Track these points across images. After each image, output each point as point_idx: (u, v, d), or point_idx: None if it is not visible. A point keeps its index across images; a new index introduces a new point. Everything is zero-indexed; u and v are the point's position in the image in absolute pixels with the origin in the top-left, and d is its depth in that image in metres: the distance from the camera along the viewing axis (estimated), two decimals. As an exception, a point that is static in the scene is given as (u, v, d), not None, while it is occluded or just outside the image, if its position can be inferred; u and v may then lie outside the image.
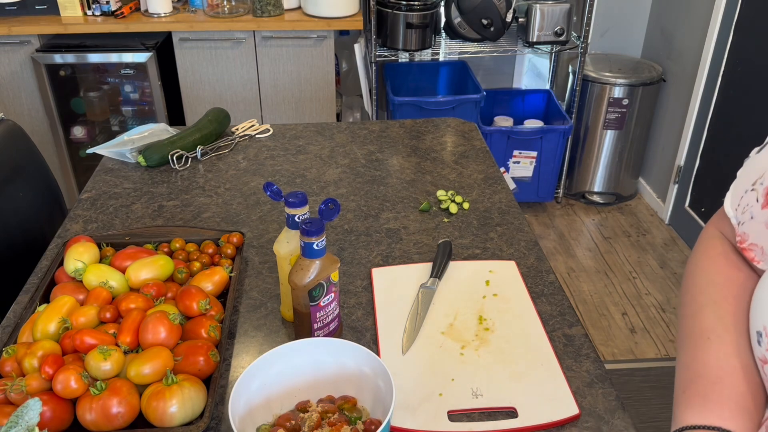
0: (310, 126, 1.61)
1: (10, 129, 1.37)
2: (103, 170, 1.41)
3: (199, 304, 0.90)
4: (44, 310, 0.90)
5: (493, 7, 2.49)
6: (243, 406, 0.74)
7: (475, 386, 0.84)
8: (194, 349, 0.83)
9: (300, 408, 0.78)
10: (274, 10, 2.66)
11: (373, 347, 0.92)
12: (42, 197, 1.41)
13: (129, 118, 2.94)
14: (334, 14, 2.64)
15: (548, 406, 0.81)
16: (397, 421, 0.79)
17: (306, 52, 2.72)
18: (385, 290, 1.03)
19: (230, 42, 2.67)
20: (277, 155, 1.47)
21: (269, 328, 0.96)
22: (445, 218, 1.23)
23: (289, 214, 0.88)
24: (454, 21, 2.59)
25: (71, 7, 2.62)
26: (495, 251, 1.13)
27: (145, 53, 2.62)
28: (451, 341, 0.92)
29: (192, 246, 1.08)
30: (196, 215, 1.24)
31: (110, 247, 1.06)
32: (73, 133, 2.85)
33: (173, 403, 0.76)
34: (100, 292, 0.94)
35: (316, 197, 1.29)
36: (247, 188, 1.33)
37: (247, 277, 1.07)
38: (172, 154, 1.40)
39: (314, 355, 0.80)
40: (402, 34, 2.60)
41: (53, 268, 1.03)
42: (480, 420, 0.80)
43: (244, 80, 2.77)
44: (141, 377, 0.79)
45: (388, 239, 1.16)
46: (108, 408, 0.75)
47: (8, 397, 0.78)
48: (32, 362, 0.80)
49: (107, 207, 1.27)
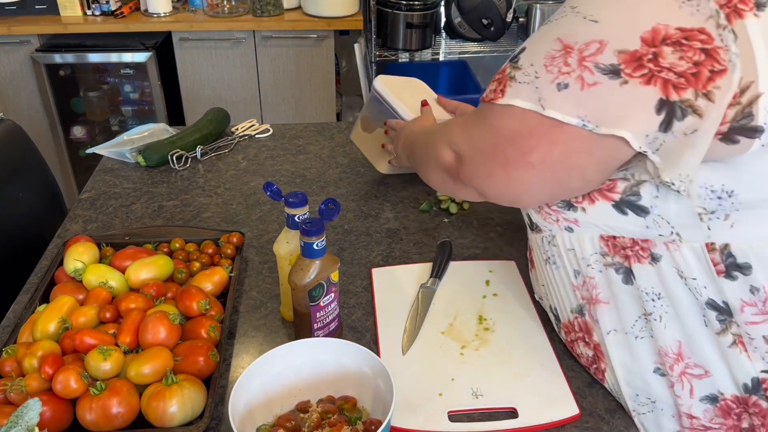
0: (310, 126, 1.61)
1: (9, 129, 1.37)
2: (103, 170, 1.41)
3: (198, 304, 0.90)
4: (44, 310, 0.90)
5: (494, 6, 2.49)
6: (243, 406, 0.74)
7: (475, 386, 0.84)
8: (194, 349, 0.83)
9: (300, 408, 0.78)
10: (274, 9, 2.66)
11: (373, 347, 0.92)
12: (42, 197, 1.41)
13: (129, 118, 2.94)
14: (334, 14, 2.64)
15: (549, 407, 0.81)
16: (397, 421, 0.79)
17: (306, 52, 2.72)
18: (385, 290, 1.02)
19: (230, 42, 2.67)
20: (277, 155, 1.47)
21: (269, 328, 0.96)
22: (445, 218, 1.23)
23: (289, 214, 0.88)
24: (454, 21, 2.59)
25: (71, 6, 2.62)
26: (495, 251, 1.13)
27: (144, 53, 2.62)
28: (451, 341, 0.92)
29: (192, 246, 1.08)
30: (195, 215, 1.24)
31: (110, 247, 1.06)
32: (73, 133, 2.85)
33: (173, 403, 0.76)
34: (100, 292, 0.93)
35: (316, 197, 1.29)
36: (247, 188, 1.33)
37: (247, 277, 1.07)
38: (171, 154, 1.40)
39: (314, 355, 0.80)
40: (402, 34, 2.60)
41: (53, 268, 1.03)
42: (480, 420, 0.80)
43: (244, 80, 2.77)
44: (141, 377, 0.79)
45: (388, 239, 1.16)
46: (108, 408, 0.75)
47: (8, 397, 0.78)
48: (32, 362, 0.80)
49: (107, 207, 1.27)
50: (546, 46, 0.64)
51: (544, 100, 0.63)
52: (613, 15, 0.60)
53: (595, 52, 0.60)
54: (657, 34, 0.58)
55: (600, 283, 0.76)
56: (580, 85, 0.61)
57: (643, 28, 0.58)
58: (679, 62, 0.57)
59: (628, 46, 0.59)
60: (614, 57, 0.59)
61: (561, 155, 0.66)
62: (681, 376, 0.73)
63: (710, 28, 0.56)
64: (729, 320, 0.68)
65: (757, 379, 0.69)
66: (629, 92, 0.59)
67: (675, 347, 0.72)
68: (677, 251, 0.68)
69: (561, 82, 0.62)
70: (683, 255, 0.68)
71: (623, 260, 0.73)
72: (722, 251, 0.65)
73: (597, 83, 0.60)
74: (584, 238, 0.75)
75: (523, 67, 0.65)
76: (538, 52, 0.64)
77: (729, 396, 0.71)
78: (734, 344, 0.69)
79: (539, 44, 0.65)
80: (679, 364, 0.73)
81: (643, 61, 0.58)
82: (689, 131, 0.59)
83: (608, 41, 0.59)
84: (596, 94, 0.60)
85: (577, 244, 0.76)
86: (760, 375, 0.69)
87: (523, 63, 0.65)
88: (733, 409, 0.72)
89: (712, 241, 0.66)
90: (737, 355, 0.69)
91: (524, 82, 0.65)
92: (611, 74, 0.59)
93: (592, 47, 0.60)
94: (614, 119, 0.61)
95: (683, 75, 0.57)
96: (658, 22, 0.57)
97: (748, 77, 0.56)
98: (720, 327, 0.69)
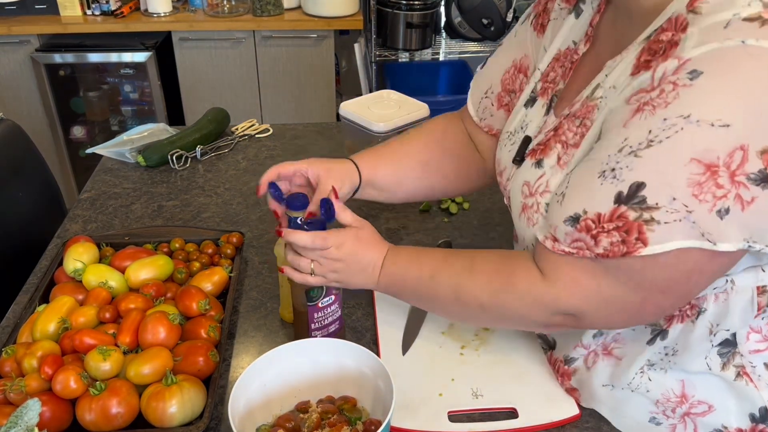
0: (310, 126, 1.61)
1: (9, 129, 1.37)
2: (103, 170, 1.41)
3: (198, 305, 0.90)
4: (44, 310, 0.90)
5: (494, 6, 2.49)
6: (243, 406, 0.74)
7: (475, 386, 0.84)
8: (194, 350, 0.83)
9: (300, 408, 0.78)
10: (274, 9, 2.66)
11: (373, 347, 0.92)
12: (41, 197, 1.41)
13: (128, 118, 2.94)
14: (334, 14, 2.64)
15: (548, 407, 0.81)
16: (397, 422, 0.79)
17: (306, 51, 2.72)
18: (385, 290, 1.02)
19: (230, 42, 2.67)
20: (277, 155, 1.46)
21: (269, 329, 0.96)
22: (445, 218, 1.23)
23: (290, 217, 0.86)
24: (454, 20, 2.59)
25: (71, 6, 2.62)
26: (495, 251, 1.12)
27: (144, 53, 2.61)
28: (451, 341, 0.92)
29: (191, 246, 1.08)
30: (195, 215, 1.24)
31: (110, 247, 1.06)
32: (73, 133, 2.85)
33: (173, 404, 0.75)
34: (100, 292, 0.93)
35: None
36: (247, 188, 1.33)
37: (247, 277, 1.06)
38: (171, 154, 1.40)
39: (314, 355, 0.80)
40: (402, 34, 2.60)
41: (53, 268, 1.02)
42: (480, 420, 0.80)
43: (244, 80, 2.77)
44: (140, 377, 0.79)
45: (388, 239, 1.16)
46: (107, 408, 0.75)
47: (8, 398, 0.78)
48: (32, 362, 0.79)
49: (107, 207, 1.27)
50: (682, 173, 0.54)
51: (710, 234, 0.55)
52: (738, 109, 0.52)
53: (741, 162, 0.52)
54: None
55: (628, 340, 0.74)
56: (741, 206, 0.54)
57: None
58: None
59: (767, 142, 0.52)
60: (759, 161, 0.52)
61: (706, 281, 0.61)
62: (684, 416, 0.71)
63: None
64: (732, 352, 0.68)
65: (765, 408, 0.68)
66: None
67: (678, 389, 0.71)
68: (725, 302, 0.65)
69: (721, 208, 0.54)
70: (729, 304, 0.65)
71: (665, 322, 0.70)
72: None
73: (755, 198, 0.53)
74: None
75: (660, 205, 0.56)
76: (674, 182, 0.55)
77: (734, 429, 0.70)
78: (739, 376, 0.68)
79: (669, 173, 0.55)
80: (682, 406, 0.71)
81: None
82: None
83: (748, 144, 0.52)
84: (758, 211, 0.54)
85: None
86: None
87: (659, 200, 0.56)
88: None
89: (765, 283, 0.64)
90: (743, 387, 0.68)
91: (674, 220, 0.56)
92: (764, 183, 0.53)
93: (736, 157, 0.52)
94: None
95: None
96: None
97: None
98: (722, 361, 0.68)
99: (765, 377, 0.68)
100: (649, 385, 0.72)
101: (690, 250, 0.56)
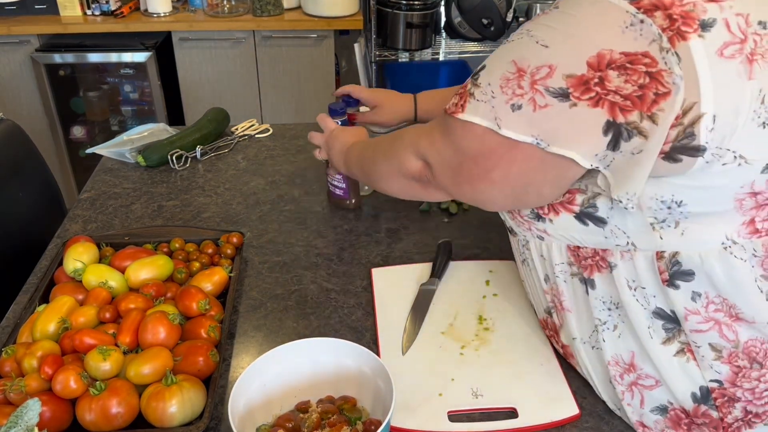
0: (310, 126, 1.61)
1: (9, 129, 1.37)
2: (103, 170, 1.41)
3: (198, 305, 0.90)
4: (43, 310, 0.90)
5: (494, 6, 2.49)
6: (243, 406, 0.74)
7: (475, 386, 0.84)
8: (194, 350, 0.83)
9: (300, 408, 0.78)
10: (274, 9, 2.66)
11: (373, 347, 0.92)
12: (41, 197, 1.41)
13: (128, 118, 2.94)
14: (334, 14, 2.64)
15: (548, 406, 0.81)
16: (397, 421, 0.79)
17: (306, 51, 2.72)
18: (385, 290, 1.02)
19: (230, 42, 2.67)
20: (277, 155, 1.46)
21: (269, 328, 0.96)
22: (445, 218, 1.23)
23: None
24: (454, 20, 2.59)
25: (71, 6, 2.62)
26: (495, 251, 1.13)
27: (144, 53, 2.62)
28: (451, 341, 0.92)
29: (191, 246, 1.08)
30: (195, 215, 1.24)
31: (110, 247, 1.06)
32: (73, 133, 2.85)
33: (173, 404, 0.76)
34: (100, 292, 0.93)
35: (316, 197, 1.29)
36: (247, 188, 1.33)
37: (247, 277, 1.06)
38: (171, 154, 1.40)
39: (314, 355, 0.80)
40: (402, 34, 2.60)
41: (53, 268, 1.02)
42: (480, 420, 0.80)
43: (244, 80, 2.77)
44: (140, 377, 0.79)
45: (388, 239, 1.16)
46: (107, 408, 0.75)
47: (7, 398, 0.78)
48: (31, 362, 0.79)
49: (107, 207, 1.27)
50: (502, 67, 0.66)
51: (499, 120, 0.66)
52: (561, 40, 0.62)
53: (545, 76, 0.62)
54: (602, 59, 0.59)
55: (565, 292, 0.79)
56: (533, 107, 0.63)
57: (589, 53, 0.60)
58: (625, 85, 0.59)
59: (575, 71, 0.61)
60: (563, 81, 0.61)
61: (519, 173, 0.69)
62: (631, 386, 0.75)
63: (654, 52, 0.58)
64: (677, 329, 0.70)
65: (706, 388, 0.70)
66: (578, 114, 0.61)
67: (627, 357, 0.75)
68: (630, 260, 0.70)
69: (515, 103, 0.64)
70: (635, 264, 0.70)
71: (584, 270, 0.75)
72: (670, 259, 0.67)
73: (548, 105, 0.62)
74: (553, 247, 0.78)
75: (481, 85, 0.68)
76: (495, 72, 0.66)
77: (678, 406, 0.73)
78: (681, 352, 0.70)
79: (497, 64, 0.67)
80: (630, 375, 0.75)
81: (590, 84, 0.60)
82: (636, 151, 0.61)
83: (557, 66, 0.62)
84: (547, 115, 0.63)
85: (547, 252, 0.79)
86: (709, 384, 0.70)
87: (482, 81, 0.68)
88: (682, 419, 0.73)
89: (663, 249, 0.68)
90: (685, 363, 0.70)
91: (482, 100, 0.67)
92: (561, 97, 0.62)
93: (542, 71, 0.62)
94: (564, 140, 0.63)
95: (629, 98, 0.59)
96: (603, 48, 0.59)
97: (691, 98, 0.58)
98: (666, 336, 0.71)
99: (708, 357, 0.69)
100: (603, 345, 0.76)
101: (492, 133, 0.67)
